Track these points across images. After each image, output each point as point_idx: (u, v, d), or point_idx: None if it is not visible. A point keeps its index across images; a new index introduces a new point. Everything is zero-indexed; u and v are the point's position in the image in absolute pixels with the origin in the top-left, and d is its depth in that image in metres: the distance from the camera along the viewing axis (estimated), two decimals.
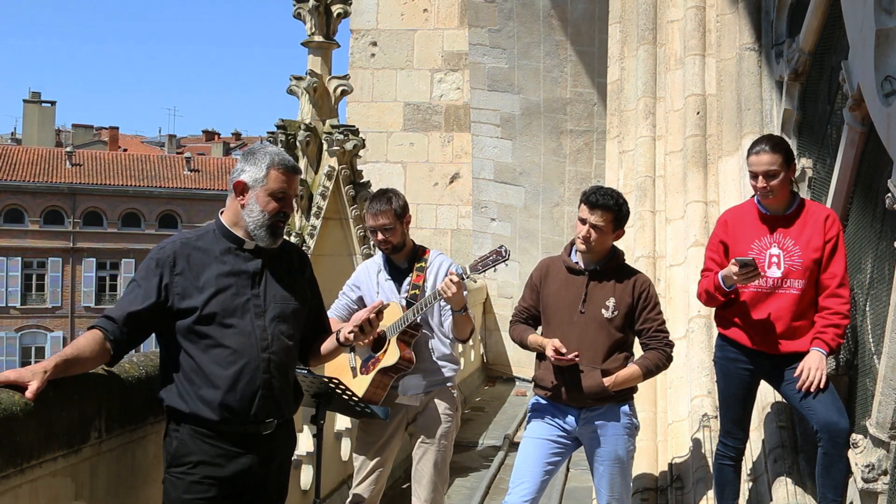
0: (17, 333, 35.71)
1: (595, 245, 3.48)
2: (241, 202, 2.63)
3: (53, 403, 2.32)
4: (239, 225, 2.65)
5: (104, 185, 36.86)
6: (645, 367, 3.51)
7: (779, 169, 3.31)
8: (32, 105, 43.89)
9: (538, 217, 10.50)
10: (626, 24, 6.27)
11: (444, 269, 3.77)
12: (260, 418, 2.60)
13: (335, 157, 7.38)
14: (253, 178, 2.61)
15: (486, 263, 3.43)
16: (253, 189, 2.61)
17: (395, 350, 3.62)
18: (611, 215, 3.43)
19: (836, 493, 3.14)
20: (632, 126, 6.02)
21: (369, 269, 3.90)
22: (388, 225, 3.70)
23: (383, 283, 3.81)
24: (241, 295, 2.60)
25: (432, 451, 3.76)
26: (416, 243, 3.89)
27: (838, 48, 4.17)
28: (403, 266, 3.82)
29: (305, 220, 7.43)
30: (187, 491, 2.55)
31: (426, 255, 3.84)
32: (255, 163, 2.62)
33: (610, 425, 3.51)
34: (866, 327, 3.48)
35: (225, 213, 2.69)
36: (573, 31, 10.00)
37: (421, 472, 3.78)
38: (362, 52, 11.49)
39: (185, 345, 2.56)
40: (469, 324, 3.70)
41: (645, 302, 3.52)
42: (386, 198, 3.74)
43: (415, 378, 3.73)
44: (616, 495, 3.56)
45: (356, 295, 3.89)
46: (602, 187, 3.52)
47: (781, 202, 3.39)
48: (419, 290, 3.72)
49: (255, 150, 2.68)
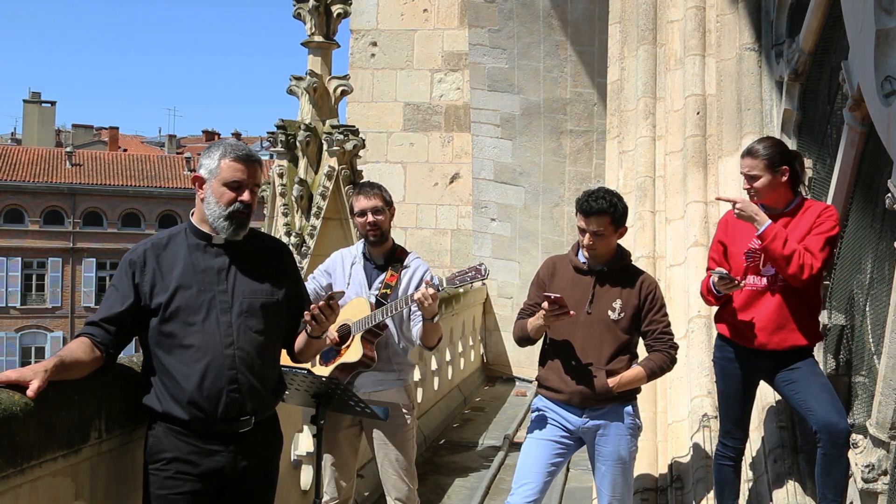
0: (17, 333, 35.71)
1: (601, 250, 3.50)
2: (201, 196, 2.65)
3: (53, 403, 2.32)
4: (205, 220, 2.66)
5: (104, 185, 36.87)
6: (649, 368, 3.51)
7: (759, 173, 3.34)
8: (32, 105, 43.93)
9: (538, 217, 10.50)
10: (626, 24, 6.27)
11: (420, 274, 3.77)
12: (231, 415, 2.60)
13: (335, 158, 7.38)
14: (208, 170, 2.63)
15: (464, 279, 3.42)
16: (209, 181, 2.63)
17: (358, 347, 3.61)
18: (608, 219, 3.43)
19: (836, 493, 3.13)
20: (632, 126, 6.02)
21: (343, 258, 3.89)
22: (380, 207, 3.73)
23: (355, 275, 3.80)
24: (206, 291, 2.61)
25: (392, 447, 3.76)
26: (397, 244, 3.89)
27: (838, 48, 4.17)
28: (380, 262, 3.82)
29: (305, 220, 7.43)
30: (162, 486, 2.57)
31: (404, 257, 3.84)
32: (210, 155, 2.64)
33: (613, 425, 3.51)
34: (866, 327, 3.48)
35: (195, 212, 2.71)
36: (573, 31, 10.00)
37: (386, 471, 3.79)
38: (362, 52, 11.49)
39: (154, 346, 2.59)
40: (438, 332, 3.70)
41: (651, 304, 3.52)
42: (377, 185, 3.83)
43: (371, 376, 3.72)
44: (618, 496, 3.56)
45: (326, 281, 3.88)
46: (593, 192, 3.50)
47: (776, 201, 3.39)
48: (390, 289, 3.71)
49: (213, 144, 2.71)
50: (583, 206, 3.45)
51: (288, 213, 7.51)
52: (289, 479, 4.47)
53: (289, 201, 7.50)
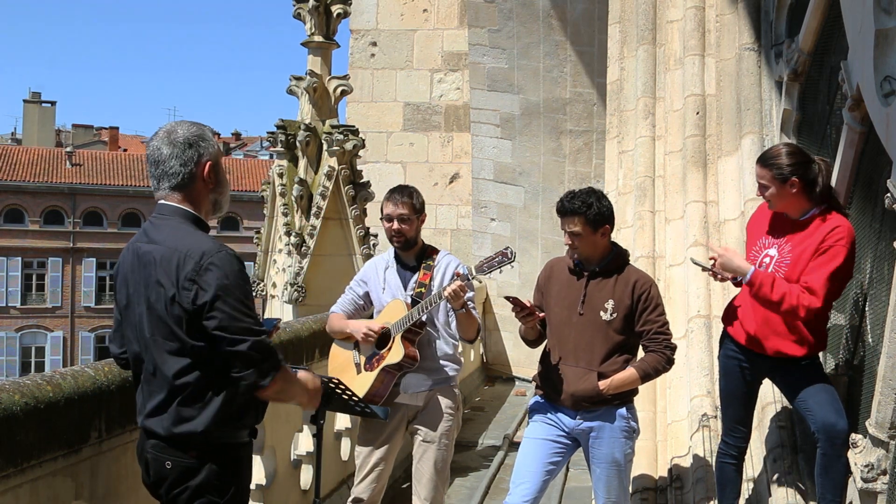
0: (17, 333, 35.69)
1: (582, 250, 3.49)
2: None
3: (53, 403, 2.32)
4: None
5: (104, 185, 36.85)
6: (642, 370, 3.48)
7: (768, 184, 3.29)
8: (32, 105, 43.91)
9: (538, 217, 10.50)
10: (625, 24, 6.27)
11: (452, 268, 3.77)
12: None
13: (335, 157, 7.39)
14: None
15: (493, 265, 3.46)
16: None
17: (399, 347, 3.62)
18: (581, 218, 3.43)
19: (836, 493, 3.13)
20: (631, 126, 6.02)
21: (377, 266, 3.92)
22: (406, 215, 3.74)
23: (390, 280, 3.83)
24: None
25: (433, 449, 3.76)
26: (427, 244, 3.91)
27: (838, 48, 4.17)
28: (412, 264, 3.84)
29: (305, 220, 7.44)
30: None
31: (435, 255, 3.86)
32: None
33: (607, 427, 3.49)
34: (866, 327, 3.48)
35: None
36: (573, 31, 10.01)
37: (421, 471, 3.78)
38: (362, 52, 11.49)
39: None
40: (474, 322, 3.72)
41: (645, 304, 3.49)
42: (408, 192, 3.81)
43: (417, 376, 3.73)
44: (613, 498, 3.54)
45: (363, 290, 3.92)
46: (572, 192, 3.52)
47: (792, 209, 3.30)
48: (425, 288, 3.73)
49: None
50: (557, 206, 3.50)
51: (288, 213, 7.51)
52: (289, 479, 4.48)
53: (289, 201, 7.51)
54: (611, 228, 3.55)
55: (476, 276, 3.49)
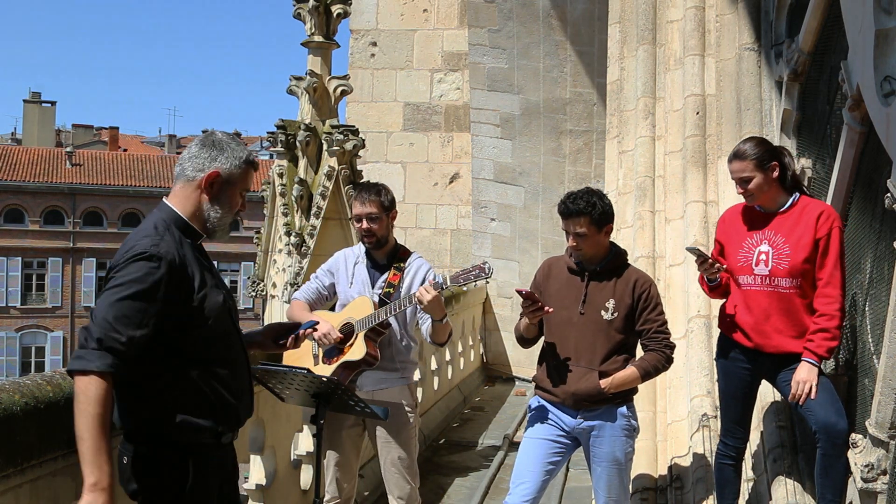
0: (17, 333, 35.70)
1: (586, 250, 3.50)
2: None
3: (53, 403, 2.32)
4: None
5: (104, 185, 36.86)
6: (643, 368, 3.49)
7: (751, 174, 3.32)
8: (32, 105, 43.92)
9: (538, 217, 10.50)
10: (625, 24, 6.27)
11: (422, 273, 3.78)
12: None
13: (335, 157, 7.40)
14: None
15: (468, 277, 3.44)
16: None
17: (361, 345, 3.61)
18: (586, 218, 3.43)
19: (835, 493, 3.13)
20: (631, 126, 6.02)
21: (347, 258, 3.89)
22: (375, 214, 3.72)
23: (359, 275, 3.81)
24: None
25: (394, 446, 3.76)
26: (399, 243, 3.90)
27: (838, 48, 4.17)
28: (382, 262, 3.83)
29: (305, 219, 7.44)
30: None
31: (406, 256, 3.85)
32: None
33: (607, 426, 3.50)
34: (866, 327, 3.47)
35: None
36: (573, 31, 10.01)
37: (389, 470, 3.79)
38: (362, 52, 11.49)
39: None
40: (447, 329, 3.73)
41: (645, 303, 3.50)
42: (375, 189, 3.78)
43: (375, 375, 3.73)
44: (614, 497, 3.55)
45: (329, 281, 3.89)
46: (572, 193, 3.52)
47: (771, 201, 3.37)
48: (394, 289, 3.72)
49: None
50: (561, 208, 3.49)
51: (288, 213, 7.52)
52: (289, 478, 4.48)
53: (289, 201, 7.51)
54: (612, 227, 3.56)
55: (449, 287, 3.50)
